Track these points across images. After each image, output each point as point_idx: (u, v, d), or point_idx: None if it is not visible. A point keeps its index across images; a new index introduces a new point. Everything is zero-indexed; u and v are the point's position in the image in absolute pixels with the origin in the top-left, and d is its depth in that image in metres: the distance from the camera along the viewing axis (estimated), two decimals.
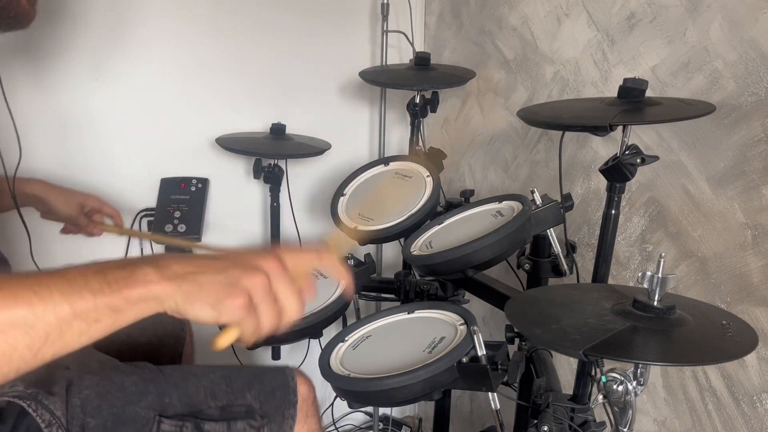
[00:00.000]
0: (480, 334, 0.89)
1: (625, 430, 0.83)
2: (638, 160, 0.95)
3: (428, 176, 1.29)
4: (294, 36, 1.75)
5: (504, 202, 1.17)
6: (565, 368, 1.35)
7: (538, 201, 1.11)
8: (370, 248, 1.87)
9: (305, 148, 1.63)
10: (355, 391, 0.94)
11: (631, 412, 0.82)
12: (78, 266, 0.57)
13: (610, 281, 1.11)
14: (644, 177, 1.17)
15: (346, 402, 0.98)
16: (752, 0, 0.97)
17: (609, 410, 0.84)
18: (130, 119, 1.61)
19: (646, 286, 0.78)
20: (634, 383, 0.80)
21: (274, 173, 1.64)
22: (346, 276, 0.70)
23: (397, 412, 2.23)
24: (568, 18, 1.34)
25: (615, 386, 0.81)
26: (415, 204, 1.24)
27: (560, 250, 1.13)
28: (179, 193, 1.66)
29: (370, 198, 1.31)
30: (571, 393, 1.07)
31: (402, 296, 1.34)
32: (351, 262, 1.19)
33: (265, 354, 1.75)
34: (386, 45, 1.81)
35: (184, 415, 0.90)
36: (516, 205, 1.13)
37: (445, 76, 1.54)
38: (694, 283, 1.10)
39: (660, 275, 0.77)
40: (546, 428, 0.91)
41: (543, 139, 1.47)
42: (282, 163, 1.67)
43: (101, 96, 1.57)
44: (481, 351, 0.88)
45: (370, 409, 2.10)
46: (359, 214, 1.27)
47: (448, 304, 1.07)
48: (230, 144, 1.58)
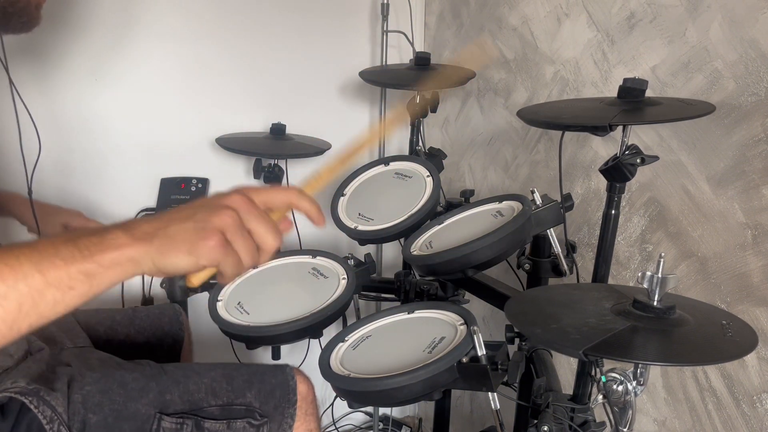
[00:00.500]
0: (480, 334, 0.89)
1: (625, 430, 0.83)
2: (638, 160, 0.95)
3: (428, 176, 1.29)
4: (294, 36, 1.75)
5: (504, 202, 1.17)
6: (565, 368, 1.35)
7: (538, 201, 1.11)
8: (370, 248, 1.87)
9: (305, 148, 1.63)
10: (355, 391, 0.94)
11: (631, 412, 0.82)
12: (48, 237, 0.57)
13: (610, 281, 1.11)
14: (644, 177, 1.17)
15: (346, 402, 0.98)
16: (752, 0, 0.97)
17: (609, 410, 0.84)
18: (130, 119, 1.61)
19: (646, 286, 0.78)
20: (634, 383, 0.80)
21: (274, 173, 1.64)
22: (314, 207, 0.70)
23: (397, 412, 2.23)
24: (568, 18, 1.34)
25: (615, 386, 0.81)
26: (415, 204, 1.23)
27: (560, 250, 1.12)
28: (179, 193, 1.66)
29: (370, 198, 1.31)
30: (571, 393, 1.07)
31: (402, 296, 1.34)
32: (351, 262, 1.19)
33: (265, 354, 1.75)
34: (386, 45, 1.81)
35: (185, 413, 0.90)
36: (516, 205, 1.13)
37: (445, 76, 1.54)
38: (694, 283, 1.10)
39: (660, 275, 0.77)
40: (546, 428, 0.91)
41: (543, 139, 1.47)
42: (282, 163, 1.67)
43: (102, 96, 1.57)
44: (481, 351, 0.87)
45: (370, 409, 2.10)
46: (359, 214, 1.27)
47: (448, 304, 1.07)
48: (230, 144, 1.58)
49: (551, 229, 1.12)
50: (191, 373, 0.96)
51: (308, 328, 1.04)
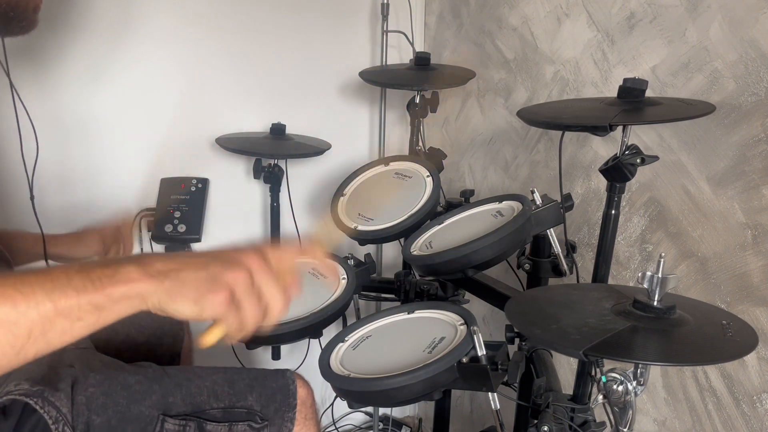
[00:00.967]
0: (480, 334, 0.89)
1: (625, 430, 0.83)
2: (638, 160, 0.95)
3: (428, 176, 1.29)
4: (294, 36, 1.75)
5: (504, 202, 1.17)
6: (565, 368, 1.35)
7: (538, 201, 1.11)
8: (370, 248, 1.88)
9: (305, 148, 1.63)
10: (355, 391, 0.94)
11: (631, 412, 0.82)
12: (62, 265, 0.58)
13: (610, 281, 1.11)
14: (644, 177, 1.17)
15: (346, 402, 0.98)
16: (752, 0, 0.97)
17: (609, 410, 0.84)
18: (130, 119, 1.61)
19: (646, 286, 0.78)
20: (634, 383, 0.80)
21: (274, 173, 1.64)
22: (332, 269, 0.70)
23: (397, 412, 2.23)
24: (568, 18, 1.34)
25: (615, 386, 0.81)
26: (415, 204, 1.24)
27: (560, 250, 1.12)
28: (179, 193, 1.66)
29: (370, 198, 1.31)
30: (571, 393, 1.07)
31: (402, 296, 1.34)
32: (351, 262, 1.19)
33: (265, 354, 1.75)
34: (386, 45, 1.81)
35: (188, 415, 0.91)
36: (516, 205, 1.13)
37: (445, 76, 1.54)
38: (694, 283, 1.10)
39: (660, 275, 0.77)
40: (546, 428, 0.91)
41: (543, 139, 1.47)
42: (282, 163, 1.67)
43: (101, 96, 1.57)
44: (481, 351, 0.88)
45: (370, 409, 2.10)
46: (359, 214, 1.27)
47: (448, 304, 1.07)
48: (230, 144, 1.58)
49: (551, 229, 1.12)
50: (193, 376, 0.96)
51: (308, 328, 1.04)
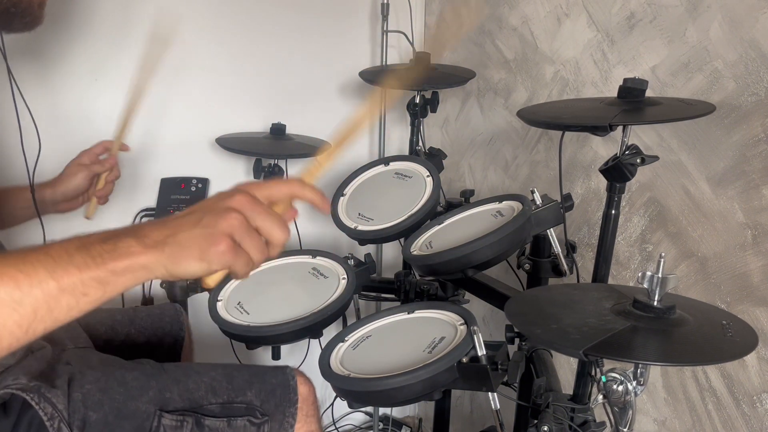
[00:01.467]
0: (480, 334, 0.89)
1: (625, 430, 0.83)
2: (638, 160, 0.95)
3: (428, 176, 1.29)
4: (294, 36, 1.75)
5: (504, 202, 1.17)
6: (565, 368, 1.35)
7: (538, 201, 1.11)
8: (370, 248, 1.87)
9: (305, 148, 1.62)
10: (355, 391, 0.94)
11: (631, 412, 0.82)
12: (60, 242, 0.58)
13: (610, 281, 1.11)
14: (644, 177, 1.17)
15: (346, 402, 0.98)
16: (752, 0, 0.97)
17: (609, 410, 0.84)
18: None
19: (646, 286, 0.78)
20: (634, 383, 0.80)
21: (274, 173, 1.64)
22: (317, 195, 0.70)
23: (397, 412, 2.23)
24: (568, 18, 1.34)
25: (615, 386, 0.81)
26: (415, 204, 1.24)
27: (560, 250, 1.12)
28: (179, 193, 1.66)
29: (370, 198, 1.31)
30: (571, 393, 1.07)
31: (402, 296, 1.34)
32: (351, 262, 1.19)
33: (265, 354, 1.75)
34: (386, 45, 1.81)
35: (185, 410, 0.90)
36: (516, 205, 1.13)
37: (445, 76, 1.54)
38: (694, 283, 1.10)
39: (660, 275, 0.77)
40: (546, 428, 0.91)
41: (543, 139, 1.47)
42: (282, 163, 1.67)
43: (102, 96, 1.56)
44: (481, 351, 0.87)
45: (370, 409, 2.10)
46: (359, 214, 1.27)
47: (448, 304, 1.07)
48: (230, 144, 1.58)
49: (551, 229, 1.12)
50: (191, 372, 0.96)
51: (308, 328, 1.04)
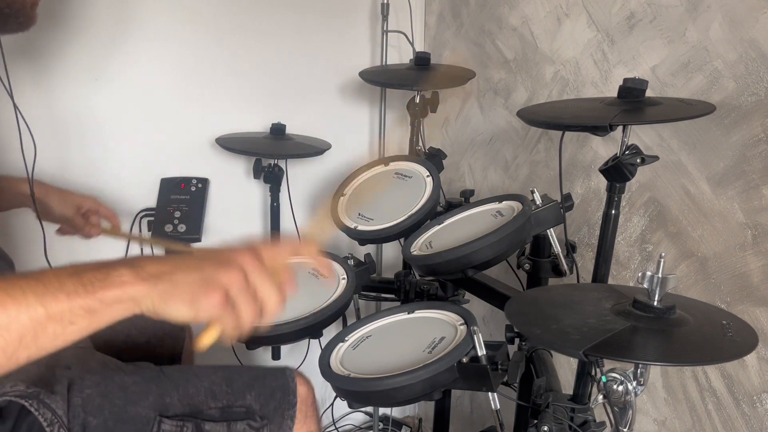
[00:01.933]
0: (480, 334, 0.89)
1: (625, 430, 0.83)
2: (638, 160, 0.95)
3: (428, 176, 1.29)
4: (294, 36, 1.75)
5: (504, 202, 1.17)
6: (565, 368, 1.35)
7: (538, 201, 1.11)
8: (370, 248, 1.87)
9: (305, 148, 1.63)
10: (355, 391, 0.94)
11: (631, 412, 0.82)
12: (54, 269, 0.57)
13: (610, 281, 1.11)
14: (644, 177, 1.17)
15: (346, 402, 0.98)
16: (752, 0, 0.97)
17: (609, 410, 0.84)
18: (130, 119, 1.61)
19: (646, 286, 0.78)
20: (634, 383, 0.80)
21: (274, 173, 1.64)
22: (328, 266, 0.70)
23: (397, 412, 2.23)
24: (568, 18, 1.34)
25: (615, 386, 0.81)
26: (415, 204, 1.24)
27: (560, 250, 1.12)
28: (179, 193, 1.66)
29: (370, 198, 1.31)
30: (571, 393, 1.07)
31: (402, 296, 1.34)
32: (351, 262, 1.19)
33: (265, 354, 1.75)
34: (386, 45, 1.81)
35: (185, 416, 0.90)
36: (516, 205, 1.13)
37: (445, 76, 1.54)
38: (694, 283, 1.10)
39: (660, 275, 0.77)
40: (546, 428, 0.91)
41: (543, 139, 1.47)
42: (282, 163, 1.67)
43: (101, 96, 1.57)
44: (481, 351, 0.88)
45: (370, 409, 2.10)
46: (359, 214, 1.27)
47: (448, 304, 1.07)
48: (230, 144, 1.58)
49: (551, 229, 1.12)
50: (191, 375, 0.96)
51: (308, 328, 1.04)
